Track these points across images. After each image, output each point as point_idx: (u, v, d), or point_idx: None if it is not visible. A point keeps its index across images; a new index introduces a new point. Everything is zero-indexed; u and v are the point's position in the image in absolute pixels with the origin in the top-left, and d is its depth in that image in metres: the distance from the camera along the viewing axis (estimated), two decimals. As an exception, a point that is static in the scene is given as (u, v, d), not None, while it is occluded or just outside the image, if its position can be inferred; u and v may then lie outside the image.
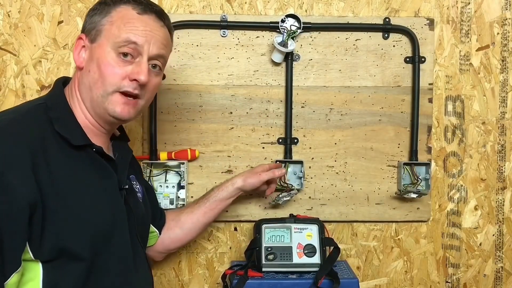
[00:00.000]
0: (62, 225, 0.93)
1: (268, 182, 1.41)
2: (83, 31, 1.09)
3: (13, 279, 0.89)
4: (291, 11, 1.51)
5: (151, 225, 1.29)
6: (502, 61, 1.56)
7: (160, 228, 1.33)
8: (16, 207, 0.87)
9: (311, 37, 1.52)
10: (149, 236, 1.28)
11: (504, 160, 1.57)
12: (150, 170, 1.47)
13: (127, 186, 1.10)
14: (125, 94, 1.04)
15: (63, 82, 1.11)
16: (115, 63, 1.02)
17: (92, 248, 0.97)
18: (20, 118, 0.98)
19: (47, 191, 0.92)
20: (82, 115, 1.07)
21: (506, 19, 1.55)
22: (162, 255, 1.40)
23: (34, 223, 0.90)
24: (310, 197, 1.54)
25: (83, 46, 1.06)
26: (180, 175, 1.49)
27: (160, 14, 1.09)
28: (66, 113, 1.04)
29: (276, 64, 1.51)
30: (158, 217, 1.34)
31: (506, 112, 1.56)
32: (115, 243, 1.03)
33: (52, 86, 1.11)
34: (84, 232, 0.97)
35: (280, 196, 1.46)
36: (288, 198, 1.47)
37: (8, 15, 1.48)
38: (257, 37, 1.51)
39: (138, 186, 1.22)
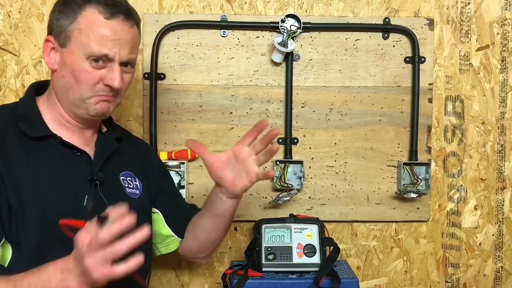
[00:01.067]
0: (16, 215, 0.98)
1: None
2: (50, 32, 1.07)
3: None
4: (291, 11, 1.51)
5: (165, 225, 1.25)
6: (502, 61, 1.56)
7: (181, 232, 1.27)
8: None
9: (311, 37, 1.52)
10: (166, 241, 1.26)
11: (504, 160, 1.57)
12: (150, 170, 1.47)
13: (95, 178, 1.07)
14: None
15: (37, 86, 1.15)
16: (89, 69, 1.03)
17: (42, 238, 0.99)
18: None
19: (1, 181, 0.97)
20: (56, 113, 1.09)
21: (506, 19, 1.55)
22: (202, 259, 1.35)
23: None
24: (310, 197, 1.54)
25: (53, 48, 1.07)
26: (180, 175, 1.49)
27: (128, 14, 1.06)
28: (31, 110, 1.08)
29: (276, 64, 1.51)
30: (179, 219, 1.27)
31: (505, 112, 1.56)
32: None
33: None
34: (33, 221, 0.99)
35: (280, 196, 1.47)
36: (288, 198, 1.47)
37: (9, 15, 1.48)
38: (257, 37, 1.51)
39: (136, 183, 1.20)
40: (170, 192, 1.32)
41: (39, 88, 1.14)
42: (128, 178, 1.20)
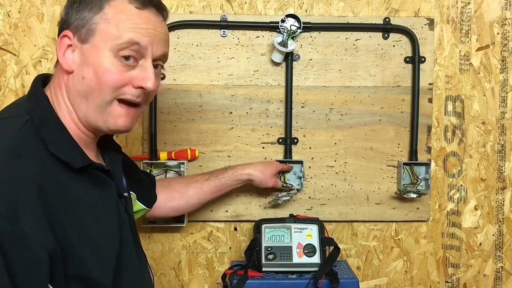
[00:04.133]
0: (83, 257, 0.86)
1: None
2: (67, 27, 0.91)
3: None
4: (291, 11, 1.51)
5: (137, 202, 1.23)
6: (502, 61, 1.56)
7: (149, 203, 1.28)
8: (33, 258, 0.77)
9: (311, 37, 1.52)
10: (136, 214, 1.24)
11: (504, 160, 1.57)
12: (150, 170, 1.47)
13: (126, 194, 1.04)
14: (124, 101, 0.93)
15: (43, 82, 0.96)
16: (116, 68, 0.89)
17: (113, 270, 0.92)
18: (14, 149, 0.83)
19: (61, 228, 0.83)
20: (73, 126, 0.94)
21: (506, 19, 1.55)
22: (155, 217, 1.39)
23: (56, 265, 0.81)
24: (310, 197, 1.54)
25: (70, 45, 0.91)
26: (180, 175, 1.48)
27: (159, 7, 0.95)
28: (59, 131, 0.91)
29: (276, 64, 1.51)
30: (147, 194, 1.27)
31: (506, 112, 1.56)
32: (124, 255, 0.97)
33: (30, 89, 0.95)
34: (104, 257, 0.90)
35: (280, 196, 1.46)
36: (287, 198, 1.47)
37: (8, 15, 1.48)
38: (257, 37, 1.51)
39: (124, 182, 1.13)
40: (134, 169, 1.26)
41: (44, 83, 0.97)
42: (123, 181, 1.14)
